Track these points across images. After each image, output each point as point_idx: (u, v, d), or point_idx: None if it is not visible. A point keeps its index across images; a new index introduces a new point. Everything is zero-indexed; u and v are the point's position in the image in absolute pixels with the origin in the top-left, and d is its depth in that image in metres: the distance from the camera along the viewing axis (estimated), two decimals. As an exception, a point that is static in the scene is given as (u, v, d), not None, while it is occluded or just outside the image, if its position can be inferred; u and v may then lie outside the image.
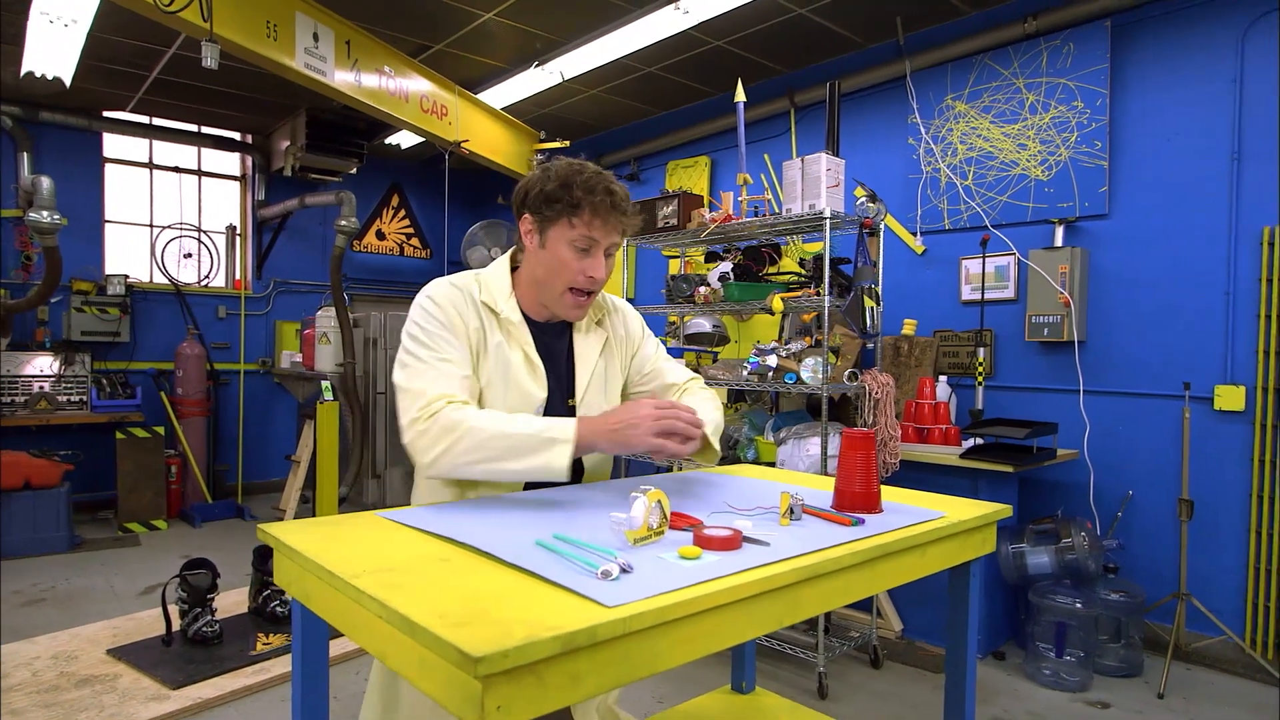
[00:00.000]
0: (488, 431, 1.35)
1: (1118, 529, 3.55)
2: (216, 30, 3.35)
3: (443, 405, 1.39)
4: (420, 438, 1.38)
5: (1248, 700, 2.99)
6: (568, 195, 1.45)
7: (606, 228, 1.48)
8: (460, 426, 1.36)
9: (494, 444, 1.34)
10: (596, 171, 1.49)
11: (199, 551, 4.77)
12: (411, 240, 7.56)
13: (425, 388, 1.41)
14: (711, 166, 5.53)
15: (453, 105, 5.00)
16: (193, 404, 5.89)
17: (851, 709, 2.89)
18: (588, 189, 1.45)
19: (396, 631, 0.88)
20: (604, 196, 1.45)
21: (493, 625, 0.81)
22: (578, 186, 1.45)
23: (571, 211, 1.45)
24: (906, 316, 4.23)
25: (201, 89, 5.39)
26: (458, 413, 1.38)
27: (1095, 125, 3.66)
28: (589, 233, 1.47)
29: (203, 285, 6.43)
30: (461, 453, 1.35)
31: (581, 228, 1.46)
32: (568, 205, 1.45)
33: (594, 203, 1.45)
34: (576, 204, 1.45)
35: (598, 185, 1.45)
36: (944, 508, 1.44)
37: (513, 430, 1.35)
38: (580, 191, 1.44)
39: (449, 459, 1.36)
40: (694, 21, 4.10)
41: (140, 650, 3.23)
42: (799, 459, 3.33)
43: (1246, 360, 3.26)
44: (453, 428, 1.36)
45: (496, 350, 1.52)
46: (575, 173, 1.47)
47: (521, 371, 1.53)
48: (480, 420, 1.37)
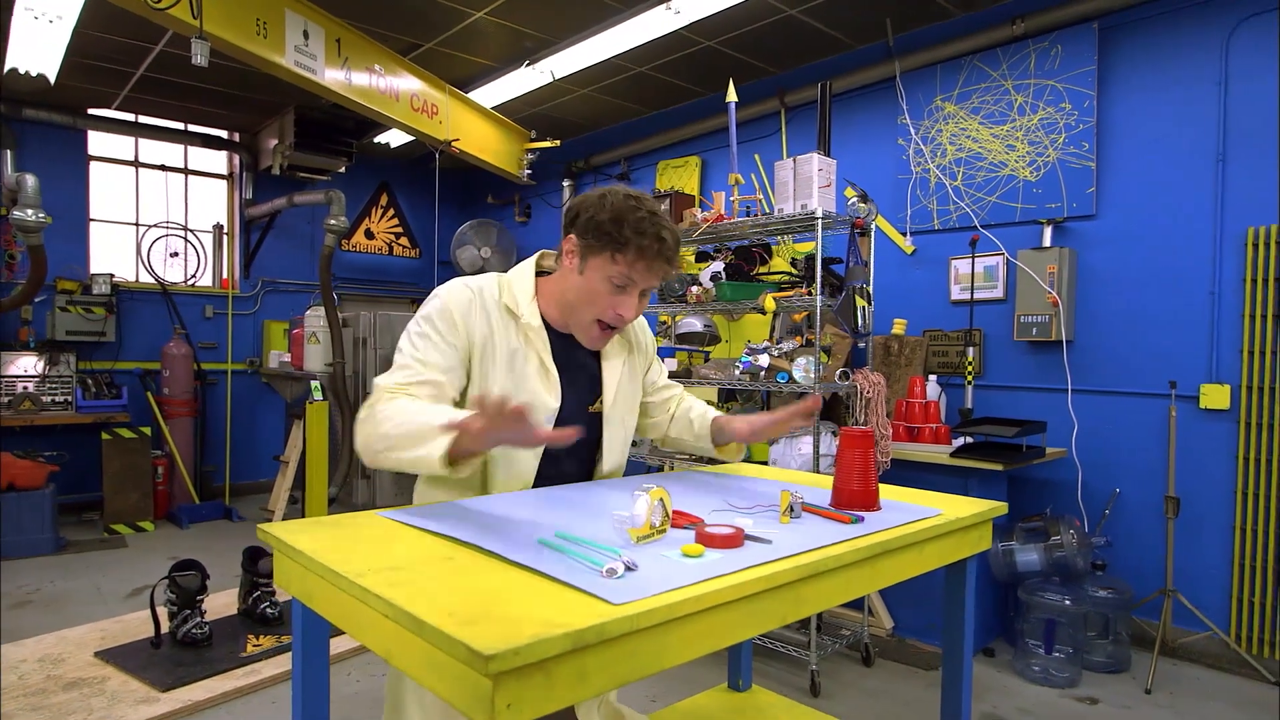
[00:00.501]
0: (395, 419, 1.31)
1: (1105, 526, 3.59)
2: (206, 28, 3.32)
3: (382, 396, 1.38)
4: (357, 429, 1.38)
5: (1234, 695, 3.03)
6: (617, 231, 1.42)
7: (649, 273, 1.46)
8: (380, 414, 1.33)
9: (395, 432, 1.30)
10: (652, 213, 1.45)
11: (186, 553, 4.73)
12: (400, 240, 7.53)
13: (384, 384, 1.41)
14: (702, 166, 5.54)
15: (443, 104, 4.99)
16: (179, 404, 5.84)
17: (844, 706, 2.90)
18: (638, 230, 1.42)
19: (403, 630, 0.88)
20: (653, 242, 1.43)
21: (501, 623, 0.82)
22: (629, 225, 1.42)
23: (617, 248, 1.43)
24: (896, 316, 4.26)
25: (188, 86, 5.35)
26: (388, 404, 1.35)
27: (1083, 127, 3.70)
28: (629, 273, 1.45)
29: (189, 285, 6.38)
30: (374, 440, 1.33)
31: (623, 266, 1.44)
32: (614, 241, 1.42)
33: (641, 246, 1.42)
34: (624, 243, 1.42)
35: (649, 230, 1.42)
36: (940, 505, 1.46)
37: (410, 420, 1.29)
38: (630, 231, 1.42)
39: (366, 447, 1.35)
40: (685, 21, 4.10)
41: (129, 653, 3.20)
42: (791, 457, 3.35)
43: (1231, 359, 3.31)
44: (373, 417, 1.34)
45: (511, 357, 1.51)
46: (631, 209, 1.43)
47: (535, 380, 1.52)
48: (395, 409, 1.33)
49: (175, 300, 6.18)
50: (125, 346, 5.97)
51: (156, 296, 6.14)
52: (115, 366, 5.88)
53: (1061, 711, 2.89)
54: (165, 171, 6.40)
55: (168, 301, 6.15)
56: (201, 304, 6.37)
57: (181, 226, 6.38)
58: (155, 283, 6.15)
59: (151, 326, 6.09)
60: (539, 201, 6.91)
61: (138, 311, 6.06)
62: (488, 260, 6.60)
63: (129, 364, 5.96)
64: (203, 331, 6.35)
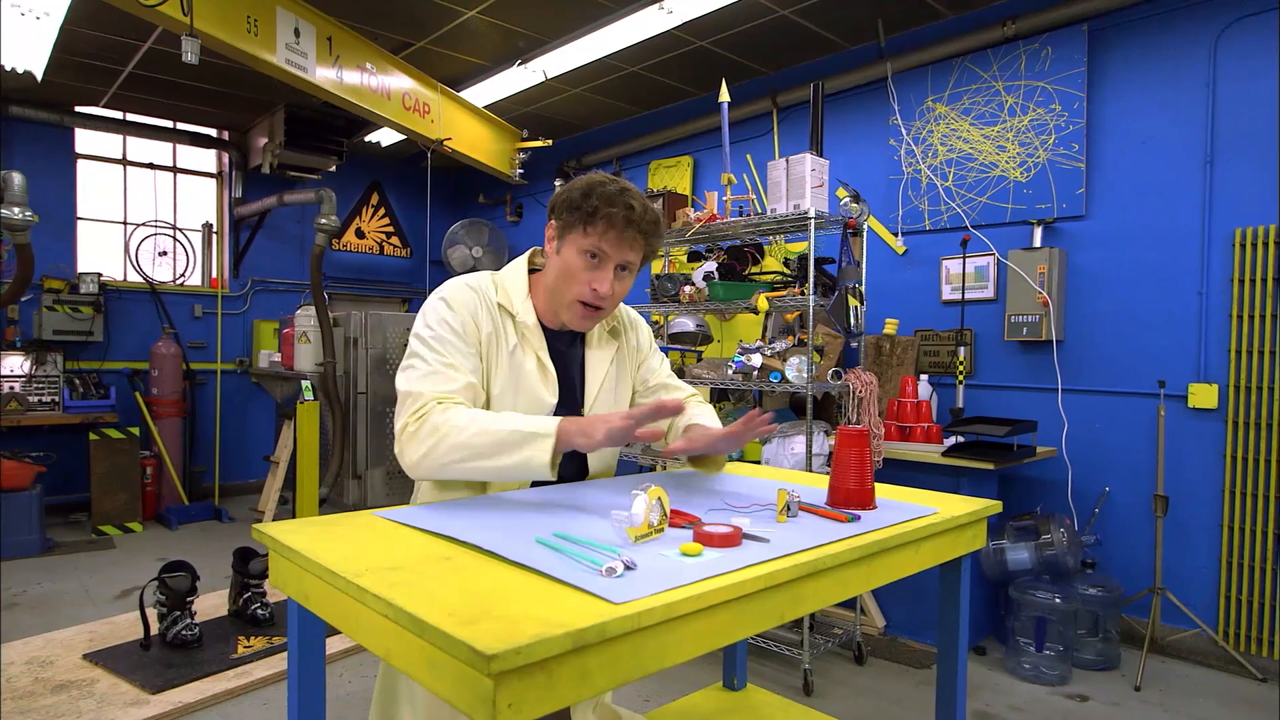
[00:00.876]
0: (471, 429, 1.33)
1: (1095, 525, 3.61)
2: (197, 25, 3.30)
3: (432, 407, 1.38)
4: (409, 441, 1.37)
5: (1222, 692, 3.06)
6: (586, 203, 1.43)
7: (619, 242, 1.45)
8: (445, 426, 1.34)
9: (476, 441, 1.32)
10: (623, 188, 1.46)
11: (175, 554, 4.69)
12: (391, 239, 7.50)
13: (422, 391, 1.40)
14: (694, 166, 5.54)
15: (435, 103, 4.97)
16: (168, 404, 5.80)
17: (837, 705, 2.91)
18: (607, 201, 1.43)
19: (403, 630, 0.88)
20: (622, 210, 1.43)
21: (502, 623, 0.81)
22: (597, 196, 1.43)
23: (588, 220, 1.44)
24: (888, 316, 4.27)
25: (177, 84, 5.31)
26: (444, 414, 1.36)
27: (1073, 128, 3.72)
28: (599, 244, 1.45)
29: (178, 284, 6.34)
30: (445, 452, 1.33)
31: (593, 236, 1.44)
32: (584, 213, 1.44)
33: (609, 215, 1.43)
34: (592, 212, 1.43)
35: (619, 200, 1.43)
36: (934, 504, 1.46)
37: (495, 427, 1.33)
38: (599, 201, 1.43)
39: (433, 459, 1.35)
40: (678, 21, 4.11)
41: (118, 654, 3.18)
42: (784, 457, 3.35)
43: (1219, 359, 3.34)
44: (437, 428, 1.34)
45: (510, 356, 1.51)
46: (600, 184, 1.45)
47: (534, 377, 1.52)
48: (464, 418, 1.35)
49: (164, 299, 6.14)
50: (113, 346, 5.92)
51: (145, 296, 6.09)
52: (103, 366, 5.83)
53: (1052, 709, 2.91)
54: (154, 170, 6.35)
55: (156, 301, 6.10)
56: (190, 303, 6.33)
57: (170, 225, 6.34)
58: (144, 282, 6.11)
59: (140, 326, 6.05)
60: (530, 201, 6.90)
61: (126, 311, 6.01)
62: (479, 260, 6.58)
63: (117, 364, 5.91)
64: (192, 331, 6.31)
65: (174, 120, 6.18)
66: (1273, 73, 3.21)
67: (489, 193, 7.22)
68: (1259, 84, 3.25)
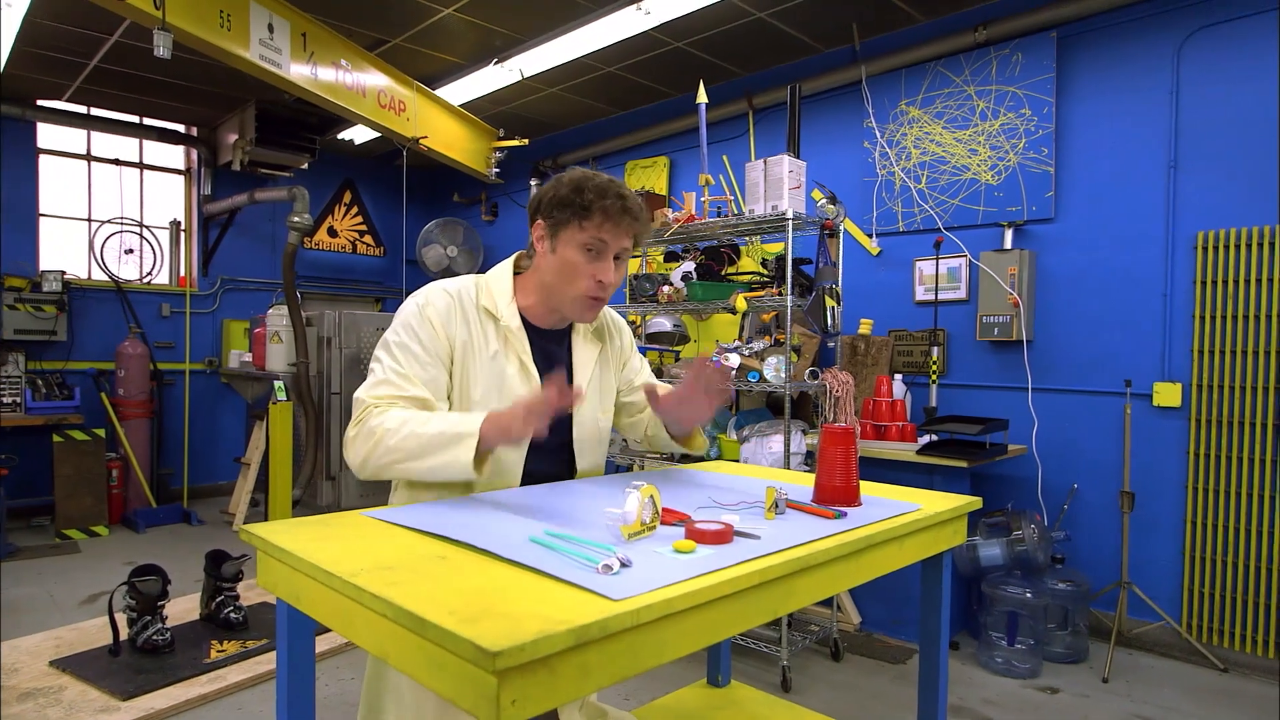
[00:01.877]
0: (401, 432, 1.36)
1: (1064, 521, 3.70)
2: (169, 19, 3.25)
3: (370, 411, 1.41)
4: (350, 445, 1.42)
5: (1185, 682, 3.15)
6: (579, 198, 1.46)
7: (617, 231, 1.49)
8: (379, 429, 1.37)
9: (406, 444, 1.35)
10: (609, 180, 1.51)
11: (143, 558, 4.59)
12: (365, 238, 7.42)
13: (365, 397, 1.43)
14: (670, 167, 5.56)
15: (411, 101, 4.93)
16: (135, 405, 5.68)
17: (815, 700, 2.95)
18: (599, 193, 1.46)
19: (402, 630, 0.88)
20: (615, 200, 1.47)
21: (504, 620, 0.82)
22: (589, 190, 1.46)
23: (582, 214, 1.46)
24: (863, 316, 4.33)
25: (144, 79, 5.21)
26: (379, 416, 1.39)
27: (1042, 132, 3.80)
28: (599, 235, 1.47)
29: (145, 282, 6.21)
30: (380, 454, 1.37)
31: (592, 230, 1.47)
32: (578, 208, 1.46)
33: (605, 206, 1.46)
34: (587, 206, 1.46)
35: (609, 190, 1.47)
36: (916, 501, 1.49)
37: (423, 429, 1.35)
38: (591, 195, 1.46)
39: (372, 461, 1.39)
40: (655, 22, 4.12)
41: (86, 661, 3.11)
42: (762, 456, 3.39)
43: (1182, 359, 3.43)
44: (373, 431, 1.38)
45: (492, 360, 1.51)
46: (587, 178, 1.49)
47: (516, 381, 1.52)
48: (395, 420, 1.37)
49: (130, 298, 6.01)
50: (77, 346, 5.79)
51: (110, 294, 5.96)
52: (67, 366, 5.69)
53: (1023, 701, 2.97)
54: (119, 166, 6.21)
55: (122, 300, 5.98)
56: (158, 302, 6.20)
57: (136, 223, 6.21)
58: (109, 280, 5.97)
59: (105, 325, 5.91)
60: (506, 200, 6.87)
61: (90, 310, 5.88)
62: (454, 259, 6.54)
63: (81, 364, 5.78)
64: (159, 330, 6.18)
65: (140, 116, 6.05)
66: (1232, 80, 3.31)
67: (464, 192, 7.18)
68: (1220, 91, 3.35)
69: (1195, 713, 2.88)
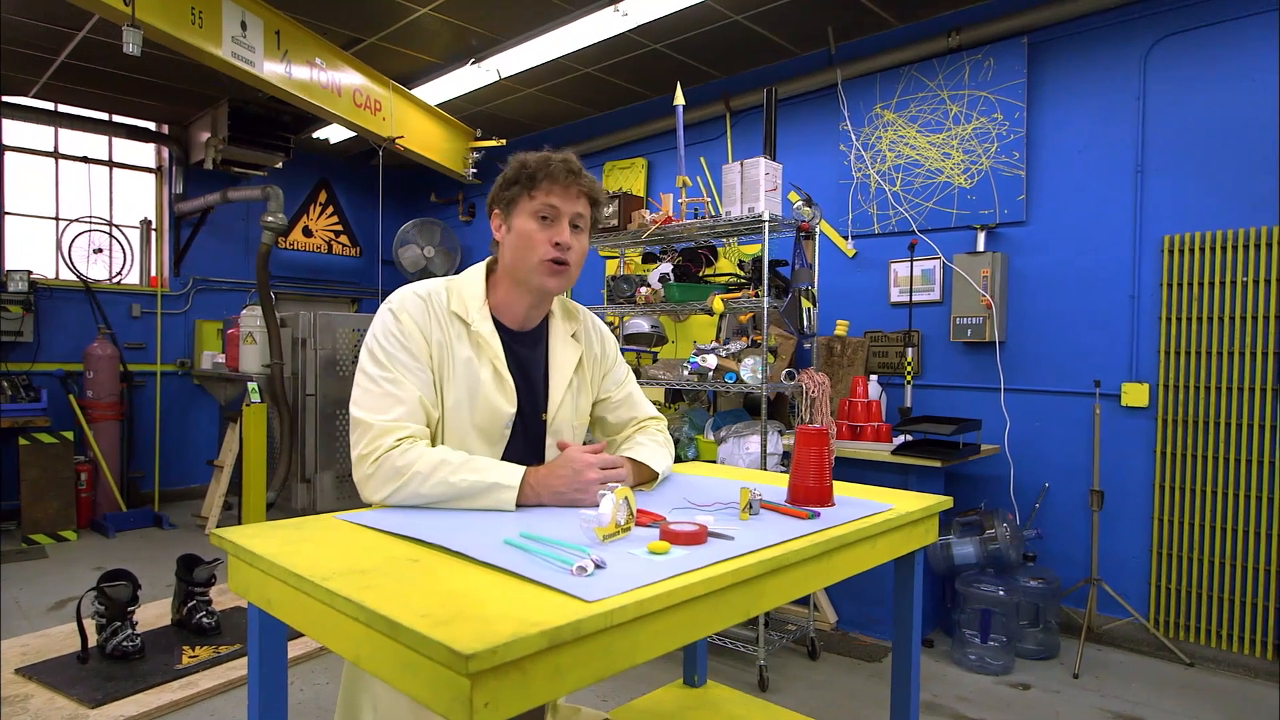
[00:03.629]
0: (432, 480, 1.35)
1: (1036, 519, 3.76)
2: (139, 15, 3.20)
3: (390, 444, 1.38)
4: (367, 481, 1.39)
5: (1153, 677, 3.21)
6: (521, 173, 1.52)
7: (566, 194, 1.51)
8: (406, 472, 1.35)
9: (438, 490, 1.35)
10: (552, 152, 1.56)
11: (112, 562, 4.52)
12: (340, 238, 7.36)
13: (373, 420, 1.40)
14: (648, 168, 5.58)
15: (387, 100, 4.90)
16: (105, 407, 5.59)
17: (792, 699, 2.97)
18: (541, 162, 1.51)
19: (375, 633, 0.87)
20: (558, 164, 1.51)
21: (477, 623, 0.82)
22: (530, 164, 1.52)
23: (529, 186, 1.51)
24: (839, 318, 4.37)
25: (113, 75, 5.12)
26: (403, 456, 1.36)
27: (1014, 136, 3.86)
28: (548, 200, 1.50)
29: (114, 282, 6.10)
30: (407, 498, 1.36)
31: (541, 197, 1.50)
32: (523, 182, 1.51)
33: (549, 171, 1.50)
34: (532, 176, 1.50)
35: (551, 158, 1.52)
36: (888, 501, 1.51)
37: (455, 479, 1.34)
38: (533, 165, 1.51)
39: (396, 500, 1.38)
40: (632, 24, 4.13)
41: (53, 668, 3.05)
42: (739, 457, 3.40)
43: (1149, 359, 3.50)
44: (398, 474, 1.36)
45: (465, 366, 1.50)
46: (531, 155, 1.54)
47: (490, 388, 1.50)
48: (425, 465, 1.35)
49: (99, 298, 5.91)
50: (44, 347, 5.68)
51: (79, 295, 5.86)
52: (34, 368, 5.58)
53: (996, 698, 3.01)
54: (88, 164, 6.10)
55: (91, 300, 5.87)
56: (128, 303, 6.10)
57: (106, 222, 6.10)
58: (77, 280, 5.87)
59: (73, 326, 5.81)
60: (483, 201, 6.79)
61: (58, 310, 5.77)
62: (431, 259, 6.50)
63: (49, 365, 5.67)
64: (130, 331, 6.08)
65: (110, 113, 5.95)
66: (1199, 88, 3.39)
67: (441, 192, 7.14)
68: (1185, 97, 3.42)
69: (1163, 707, 2.94)
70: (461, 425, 1.49)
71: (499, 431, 1.51)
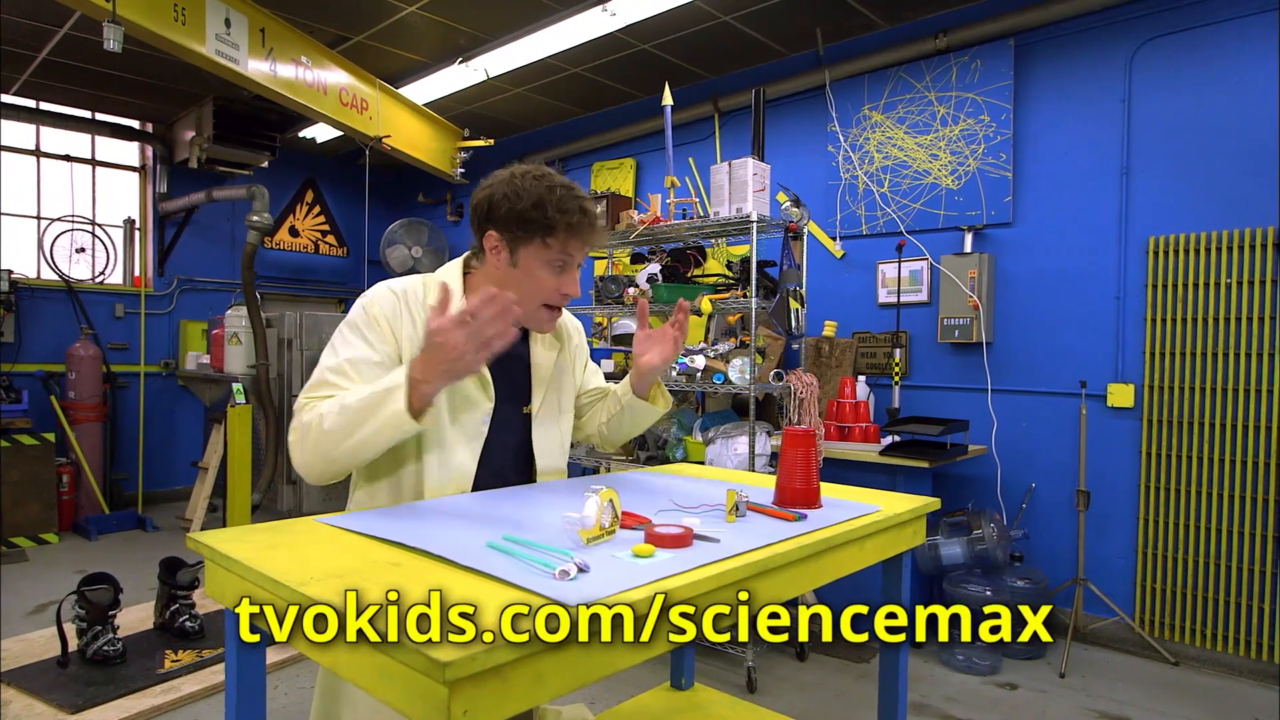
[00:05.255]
0: (331, 413, 1.31)
1: (1022, 519, 3.77)
2: (120, 11, 3.16)
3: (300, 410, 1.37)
4: (292, 450, 1.37)
5: (1138, 676, 3.23)
6: (542, 217, 1.41)
7: (583, 247, 1.47)
8: (312, 420, 1.33)
9: (339, 421, 1.30)
10: (566, 187, 1.45)
11: (94, 566, 4.47)
12: (327, 237, 7.31)
13: (304, 398, 1.39)
14: (636, 168, 5.56)
15: (373, 99, 4.87)
16: (87, 408, 5.52)
17: (780, 701, 2.96)
18: (562, 209, 1.41)
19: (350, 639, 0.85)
20: (579, 217, 1.43)
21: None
22: (552, 207, 1.41)
23: (546, 233, 1.42)
24: (827, 318, 4.37)
25: (96, 73, 5.07)
26: (311, 410, 1.35)
27: (1000, 138, 3.87)
28: (565, 251, 1.44)
29: (97, 282, 6.04)
30: (317, 442, 1.32)
31: (558, 249, 1.44)
32: (542, 227, 1.42)
33: (570, 224, 1.42)
34: (552, 225, 1.41)
35: (572, 206, 1.42)
36: (876, 502, 1.50)
37: (350, 400, 1.30)
38: (555, 213, 1.41)
39: (314, 454, 1.33)
40: (621, 24, 4.12)
41: (33, 673, 3.01)
42: (727, 458, 3.39)
43: (1135, 360, 3.52)
44: (307, 426, 1.33)
45: None
46: (548, 191, 1.42)
47: (467, 382, 1.48)
48: (325, 405, 1.33)
49: (82, 298, 5.84)
50: (25, 347, 5.61)
51: (61, 294, 5.79)
52: (15, 369, 5.51)
53: (984, 698, 3.02)
54: (70, 162, 6.04)
55: (73, 300, 5.81)
56: (111, 303, 6.04)
57: (88, 221, 6.04)
58: (59, 280, 5.80)
59: (55, 326, 5.74)
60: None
61: (40, 310, 5.70)
62: (419, 259, 6.47)
63: (30, 366, 5.60)
64: (113, 332, 6.02)
65: (93, 110, 5.88)
66: (1184, 90, 3.41)
67: (429, 192, 7.11)
68: (1170, 99, 3.44)
69: (1148, 706, 2.95)
70: (439, 419, 1.46)
71: (476, 427, 1.50)
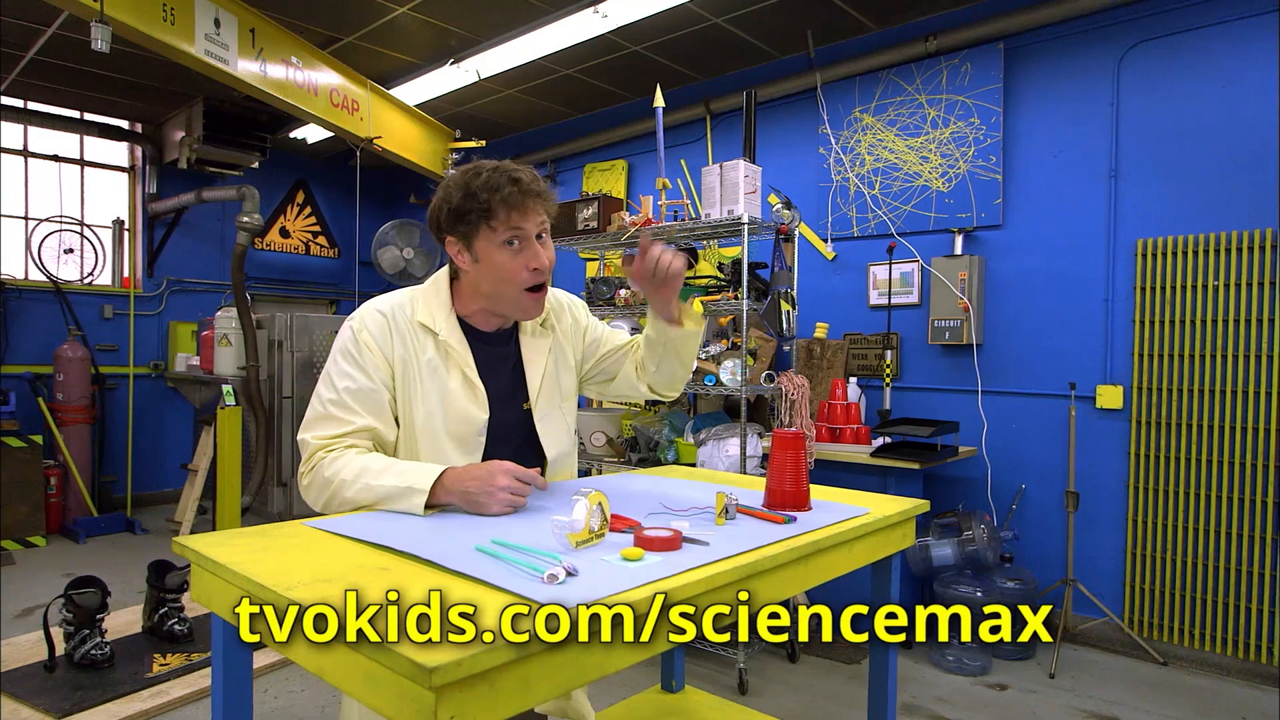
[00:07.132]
0: (353, 484, 1.37)
1: (1012, 520, 3.78)
2: (108, 11, 3.14)
3: (320, 457, 1.42)
4: (306, 494, 1.44)
5: (1127, 676, 3.24)
6: (475, 203, 1.41)
7: (525, 215, 1.43)
8: (335, 479, 1.38)
9: (362, 496, 1.37)
10: (492, 168, 1.44)
11: (83, 569, 4.44)
12: (318, 239, 7.28)
13: (308, 440, 1.44)
14: (628, 170, 5.56)
15: (364, 100, 4.85)
16: (75, 410, 5.48)
17: (772, 702, 2.96)
18: (490, 188, 1.40)
19: (338, 644, 0.85)
20: (510, 188, 1.41)
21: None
22: (481, 189, 1.40)
23: (486, 217, 1.41)
24: (818, 320, 4.38)
25: (85, 73, 5.04)
26: (331, 465, 1.40)
27: (990, 141, 3.89)
28: (510, 225, 1.43)
29: (86, 283, 5.99)
30: (332, 500, 1.40)
31: (503, 227, 1.42)
32: (480, 212, 1.41)
33: (504, 198, 1.40)
34: (487, 207, 1.40)
35: (499, 181, 1.41)
36: (866, 504, 1.51)
37: (376, 484, 1.36)
38: (485, 194, 1.40)
39: (327, 507, 1.41)
40: (613, 26, 4.12)
41: (19, 678, 2.99)
42: (719, 459, 3.39)
43: (1124, 362, 3.54)
44: (328, 482, 1.39)
45: (432, 376, 1.48)
46: (474, 177, 1.42)
47: (460, 396, 1.49)
48: (350, 471, 1.38)
49: (70, 299, 5.80)
50: (13, 349, 5.57)
51: (49, 295, 5.75)
52: (2, 371, 5.47)
53: (974, 699, 3.03)
54: (59, 162, 6.00)
55: (62, 301, 5.77)
56: (100, 304, 6.00)
57: (77, 221, 6.00)
58: (47, 281, 5.76)
59: (43, 327, 5.70)
60: (463, 202, 6.79)
61: (27, 311, 5.66)
62: (410, 261, 6.45)
63: (17, 367, 5.55)
64: (101, 333, 5.98)
65: (81, 110, 5.85)
66: (1169, 94, 3.43)
67: (420, 193, 7.09)
68: (1158, 103, 3.46)
69: (1137, 706, 2.97)
70: (435, 434, 1.47)
71: (473, 439, 1.50)
